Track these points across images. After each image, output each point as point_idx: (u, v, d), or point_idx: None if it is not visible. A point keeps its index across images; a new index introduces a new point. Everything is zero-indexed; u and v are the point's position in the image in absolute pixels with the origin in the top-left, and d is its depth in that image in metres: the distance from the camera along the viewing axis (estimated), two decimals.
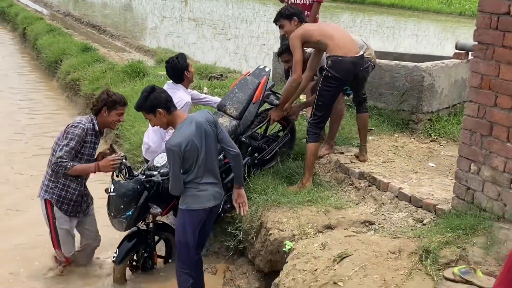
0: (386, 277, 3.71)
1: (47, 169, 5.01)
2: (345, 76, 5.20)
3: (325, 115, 5.41)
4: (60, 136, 4.92)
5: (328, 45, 5.19)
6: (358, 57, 5.27)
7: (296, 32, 5.33)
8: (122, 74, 10.64)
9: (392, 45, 20.42)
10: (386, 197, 4.98)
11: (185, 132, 4.37)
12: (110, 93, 5.01)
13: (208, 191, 4.52)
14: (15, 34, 20.14)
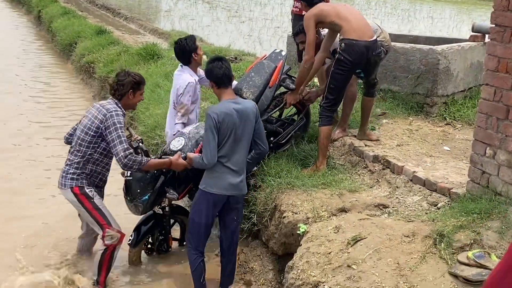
0: (400, 261, 3.72)
1: (69, 156, 4.74)
2: (358, 59, 5.18)
3: (338, 98, 5.40)
4: (90, 124, 4.59)
5: (343, 27, 5.16)
6: (372, 42, 5.24)
7: (311, 11, 5.30)
8: (137, 57, 10.66)
9: (407, 28, 20.24)
10: (400, 180, 4.97)
11: (227, 106, 4.48)
12: (132, 74, 4.83)
13: (229, 179, 4.51)
14: (30, 16, 20.22)
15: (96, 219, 4.72)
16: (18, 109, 9.81)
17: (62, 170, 4.76)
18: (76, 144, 4.68)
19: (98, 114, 4.60)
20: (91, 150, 4.65)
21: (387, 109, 6.67)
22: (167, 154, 4.93)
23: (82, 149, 4.64)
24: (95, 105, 4.76)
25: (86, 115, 4.72)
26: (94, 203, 4.72)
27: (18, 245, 5.43)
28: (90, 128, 4.59)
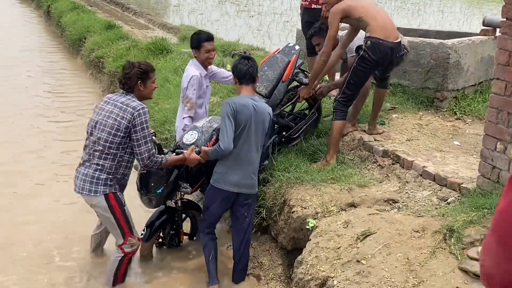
0: (410, 256, 3.71)
1: (100, 161, 4.45)
2: (381, 59, 5.18)
3: (354, 94, 5.40)
4: (118, 125, 4.37)
5: (370, 24, 5.14)
6: (397, 43, 5.22)
7: (338, 6, 5.28)
8: (146, 52, 10.67)
9: (417, 22, 20.14)
10: (410, 175, 4.96)
11: (245, 99, 4.59)
12: (137, 64, 4.59)
13: (238, 176, 4.57)
14: (39, 12, 20.28)
15: (122, 227, 4.60)
16: (26, 104, 9.84)
17: (85, 174, 4.48)
18: (101, 146, 4.41)
19: (125, 114, 4.37)
20: (121, 151, 4.47)
21: (397, 103, 6.65)
22: (180, 147, 4.94)
23: (112, 152, 4.42)
24: (112, 102, 4.50)
25: (107, 115, 4.44)
26: (124, 210, 4.60)
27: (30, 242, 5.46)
28: (119, 129, 4.37)
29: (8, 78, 11.47)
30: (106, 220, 4.64)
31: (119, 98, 4.52)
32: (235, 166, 4.56)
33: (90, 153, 4.48)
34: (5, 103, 9.75)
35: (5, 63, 12.74)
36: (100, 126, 4.43)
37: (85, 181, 4.47)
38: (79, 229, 5.53)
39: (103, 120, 4.44)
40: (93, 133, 4.48)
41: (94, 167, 4.45)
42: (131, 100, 4.48)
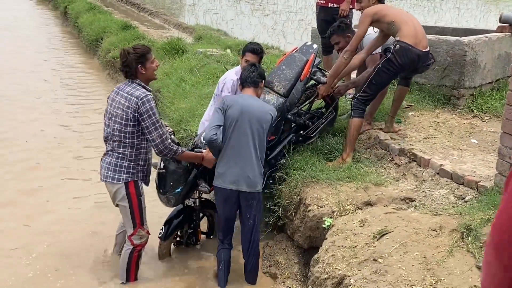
0: (427, 254, 3.70)
1: (119, 150, 4.54)
2: (407, 65, 5.18)
3: (374, 94, 5.39)
4: (126, 115, 4.44)
5: (402, 30, 5.14)
6: (425, 52, 5.22)
7: (371, 9, 5.32)
8: (162, 52, 10.73)
9: (433, 19, 20.01)
10: (427, 173, 4.93)
11: (236, 98, 4.73)
12: (131, 49, 4.55)
13: (234, 173, 4.56)
14: (56, 13, 20.45)
15: (134, 217, 4.66)
16: (44, 104, 9.93)
17: (109, 162, 4.59)
18: (117, 136, 4.51)
19: (130, 103, 4.44)
20: (137, 139, 4.54)
21: (413, 101, 6.61)
22: (198, 146, 4.96)
23: (128, 141, 4.51)
24: (120, 92, 4.55)
25: (116, 106, 4.51)
26: (141, 201, 4.67)
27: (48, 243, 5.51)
28: (128, 119, 4.45)
29: (27, 78, 11.58)
30: (122, 209, 4.70)
31: (125, 87, 4.57)
32: (231, 164, 4.57)
33: (111, 144, 4.58)
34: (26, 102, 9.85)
35: (23, 63, 12.87)
36: (113, 117, 4.53)
37: (109, 169, 4.59)
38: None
39: (114, 111, 4.53)
40: (109, 125, 4.57)
41: (116, 155, 4.56)
42: (135, 88, 4.52)
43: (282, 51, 11.11)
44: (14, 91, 10.58)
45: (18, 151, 7.63)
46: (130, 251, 4.73)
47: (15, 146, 7.81)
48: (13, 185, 6.62)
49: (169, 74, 9.21)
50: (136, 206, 4.64)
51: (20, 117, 9.07)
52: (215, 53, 10.43)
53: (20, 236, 5.50)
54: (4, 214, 5.93)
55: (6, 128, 8.48)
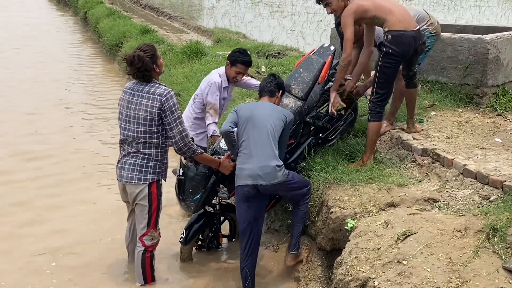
0: (452, 256, 3.65)
1: (145, 151, 4.52)
2: (406, 50, 5.07)
3: (388, 92, 5.29)
4: (150, 115, 4.43)
5: (387, 20, 5.04)
6: (417, 31, 5.14)
7: (349, 9, 5.13)
8: (181, 55, 10.77)
9: (453, 17, 19.83)
10: (451, 174, 4.87)
11: (250, 104, 4.89)
12: (142, 54, 4.48)
13: (248, 170, 4.51)
14: (76, 18, 20.67)
15: (150, 218, 4.65)
16: (65, 108, 10.02)
17: (133, 163, 4.54)
18: (142, 138, 4.48)
19: (154, 102, 4.43)
20: (163, 138, 4.54)
21: (435, 101, 6.55)
22: (217, 152, 4.96)
23: (154, 141, 4.50)
24: (137, 93, 4.51)
25: (137, 108, 4.47)
26: (160, 201, 4.68)
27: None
28: (152, 119, 4.44)
29: (50, 84, 11.71)
30: (140, 208, 4.65)
31: (143, 87, 4.53)
32: (247, 161, 4.54)
33: (135, 146, 4.54)
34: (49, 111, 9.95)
35: (45, 68, 13.02)
36: (134, 120, 4.49)
37: (134, 171, 4.55)
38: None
39: (136, 113, 4.49)
40: (129, 128, 4.53)
41: (141, 156, 4.53)
42: (156, 87, 4.51)
43: (301, 52, 11.09)
44: (41, 103, 10.64)
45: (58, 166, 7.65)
46: (142, 252, 4.72)
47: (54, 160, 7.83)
48: (45, 199, 6.65)
49: (189, 77, 9.23)
50: (155, 206, 4.64)
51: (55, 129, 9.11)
52: None
53: (41, 240, 5.56)
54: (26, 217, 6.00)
55: (54, 145, 8.37)
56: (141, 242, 4.71)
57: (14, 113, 9.71)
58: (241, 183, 4.54)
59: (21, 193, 6.61)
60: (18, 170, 7.31)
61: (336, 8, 5.26)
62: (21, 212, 6.14)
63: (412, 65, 5.43)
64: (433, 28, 5.71)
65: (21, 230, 5.77)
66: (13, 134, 8.65)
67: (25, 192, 6.66)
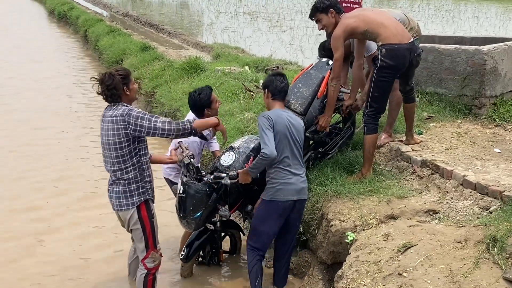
0: (452, 267, 3.64)
1: (124, 176, 4.43)
2: (401, 64, 5.07)
3: (382, 105, 5.28)
4: (118, 138, 4.34)
5: (381, 34, 5.03)
6: (411, 43, 5.13)
7: (338, 31, 5.13)
8: (181, 71, 10.81)
9: (452, 29, 19.91)
10: (450, 185, 4.86)
11: (278, 112, 4.64)
12: (114, 71, 4.46)
13: (294, 183, 4.55)
14: (77, 36, 20.76)
15: (147, 240, 4.59)
16: (67, 124, 10.03)
17: (117, 191, 4.48)
18: (117, 164, 4.41)
19: (119, 124, 4.32)
20: (136, 157, 4.44)
21: (434, 112, 6.56)
22: (218, 169, 4.94)
23: (129, 163, 4.41)
24: (104, 118, 4.45)
25: (106, 133, 4.40)
26: (153, 223, 4.61)
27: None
28: (122, 141, 4.34)
29: (50, 102, 11.73)
30: (135, 233, 4.62)
31: (107, 112, 4.45)
32: (289, 175, 4.55)
33: (114, 174, 4.47)
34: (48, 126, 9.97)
35: (46, 86, 13.05)
36: (106, 146, 4.43)
37: (120, 198, 4.49)
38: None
39: (106, 139, 4.42)
40: (105, 155, 4.48)
41: (123, 182, 4.45)
42: (117, 109, 4.39)
43: (300, 66, 11.13)
44: (47, 118, 10.68)
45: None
46: (144, 275, 4.66)
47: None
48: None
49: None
50: (149, 229, 4.58)
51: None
52: (234, 70, 10.48)
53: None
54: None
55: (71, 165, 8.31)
56: (144, 265, 4.65)
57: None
58: (285, 198, 4.55)
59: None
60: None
61: (327, 24, 5.31)
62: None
63: (408, 78, 5.42)
64: (414, 31, 5.69)
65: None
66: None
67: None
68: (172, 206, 5.04)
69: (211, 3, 31.69)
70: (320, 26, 5.38)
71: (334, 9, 5.25)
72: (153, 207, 4.64)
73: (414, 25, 5.70)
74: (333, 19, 5.25)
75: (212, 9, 28.67)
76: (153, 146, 7.94)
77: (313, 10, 5.36)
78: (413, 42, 5.17)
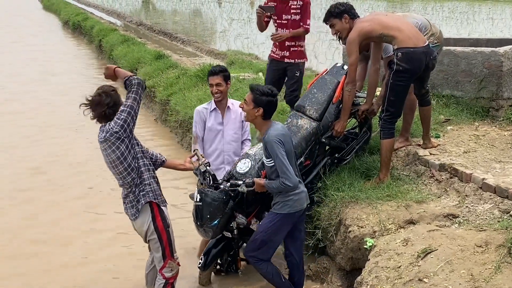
0: (474, 272, 3.59)
1: (133, 184, 4.46)
2: (417, 67, 5.03)
3: (399, 110, 5.25)
4: (116, 155, 4.34)
5: (396, 37, 5.01)
6: (427, 46, 5.10)
7: (352, 35, 5.14)
8: (195, 79, 10.82)
9: (466, 31, 19.77)
10: (470, 188, 4.81)
11: (280, 128, 4.52)
12: (108, 90, 4.50)
13: (303, 192, 4.56)
14: (91, 46, 20.90)
15: (164, 249, 4.57)
16: (83, 135, 10.08)
17: (130, 201, 4.51)
18: (127, 175, 4.41)
19: (113, 141, 4.30)
20: (137, 161, 4.44)
21: (451, 115, 6.51)
22: (234, 176, 4.92)
23: (134, 170, 4.41)
24: (101, 140, 4.38)
25: (105, 154, 4.42)
26: (169, 232, 4.59)
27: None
28: (123, 153, 4.34)
29: (65, 113, 11.81)
30: (152, 243, 4.60)
31: (101, 134, 4.39)
32: (301, 185, 4.56)
33: (128, 184, 4.46)
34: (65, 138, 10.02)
35: (61, 96, 13.14)
36: (110, 165, 4.42)
37: (133, 206, 4.51)
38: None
39: (108, 159, 4.41)
40: (115, 172, 4.45)
41: (133, 189, 4.47)
42: (104, 129, 4.34)
43: (314, 71, 11.11)
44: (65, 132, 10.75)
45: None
46: (163, 284, 4.64)
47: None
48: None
49: (203, 100, 9.24)
50: (165, 238, 4.55)
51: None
52: (247, 77, 10.48)
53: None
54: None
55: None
56: (162, 275, 4.64)
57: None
58: (300, 207, 4.55)
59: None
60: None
61: (340, 30, 5.31)
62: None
63: (424, 82, 5.38)
64: (435, 38, 5.63)
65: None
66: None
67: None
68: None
69: (223, 10, 31.82)
70: (333, 31, 5.37)
71: (349, 15, 5.25)
72: (168, 215, 4.62)
73: (436, 31, 5.63)
74: (347, 25, 5.24)
75: (225, 16, 28.75)
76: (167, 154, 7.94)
77: (327, 15, 5.35)
78: (429, 45, 5.13)
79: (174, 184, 7.23)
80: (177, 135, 9.62)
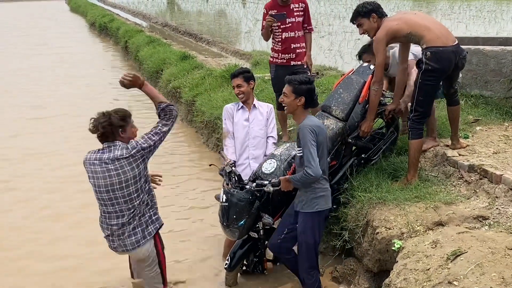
0: (505, 275, 3.52)
1: (137, 211, 4.18)
2: (447, 67, 4.96)
3: (428, 109, 5.18)
4: (128, 177, 4.08)
5: (424, 36, 4.94)
6: (456, 45, 5.02)
7: (380, 34, 5.09)
8: (220, 79, 10.85)
9: (494, 30, 19.49)
10: (500, 190, 4.73)
11: (316, 120, 4.57)
12: (112, 111, 4.21)
13: (329, 189, 4.62)
14: (117, 47, 21.11)
15: (163, 275, 4.45)
16: None
17: (132, 229, 4.18)
18: (129, 201, 4.13)
19: (134, 157, 4.10)
20: (147, 184, 4.26)
21: (480, 115, 6.41)
22: (260, 177, 4.92)
23: (143, 195, 4.20)
24: (102, 162, 4.08)
25: (106, 176, 4.08)
26: (164, 255, 4.45)
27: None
28: (128, 178, 4.09)
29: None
30: (151, 270, 4.38)
31: (101, 156, 4.12)
32: (327, 183, 4.63)
33: (126, 215, 4.16)
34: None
35: (89, 96, 13.29)
36: (119, 186, 4.10)
37: (136, 233, 4.21)
38: None
39: (119, 179, 4.09)
40: (108, 201, 4.15)
41: (136, 218, 4.20)
42: (113, 152, 4.10)
43: (340, 71, 11.04)
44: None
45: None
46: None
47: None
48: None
49: (228, 100, 9.27)
50: (163, 262, 4.45)
51: None
52: None
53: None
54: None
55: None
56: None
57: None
58: (329, 205, 4.65)
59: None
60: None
61: (368, 29, 5.26)
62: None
63: (453, 81, 5.30)
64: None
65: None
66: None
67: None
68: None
69: (248, 11, 31.85)
70: (361, 30, 5.33)
71: (376, 14, 5.20)
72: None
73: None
74: (375, 24, 5.20)
75: (250, 16, 28.77)
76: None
77: (354, 14, 5.31)
78: (458, 44, 5.06)
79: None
80: (203, 135, 9.66)
